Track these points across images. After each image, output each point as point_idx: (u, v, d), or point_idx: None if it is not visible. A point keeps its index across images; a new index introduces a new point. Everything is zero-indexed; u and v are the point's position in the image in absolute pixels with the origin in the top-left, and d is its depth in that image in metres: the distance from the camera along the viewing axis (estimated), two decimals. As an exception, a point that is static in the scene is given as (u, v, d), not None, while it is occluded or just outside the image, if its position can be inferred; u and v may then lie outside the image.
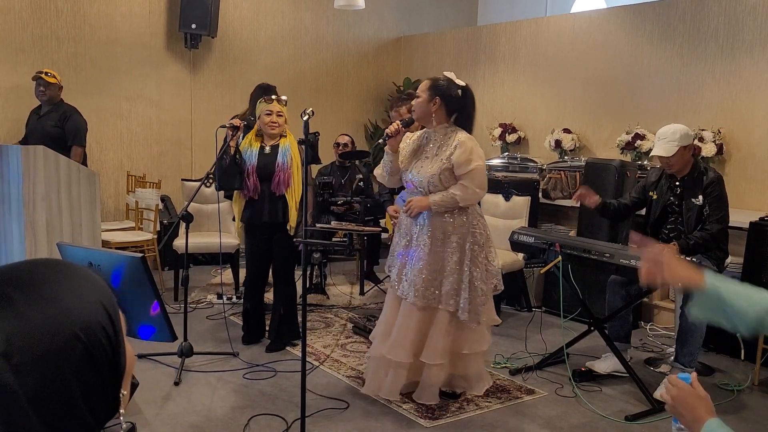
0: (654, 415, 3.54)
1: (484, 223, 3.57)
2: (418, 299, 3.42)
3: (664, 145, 3.85)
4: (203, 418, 3.39)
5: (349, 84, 7.98)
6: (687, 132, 3.88)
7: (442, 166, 3.39)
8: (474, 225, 3.48)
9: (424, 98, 3.47)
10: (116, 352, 0.84)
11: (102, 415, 0.84)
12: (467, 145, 3.38)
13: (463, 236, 3.44)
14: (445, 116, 3.48)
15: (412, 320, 3.47)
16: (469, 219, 3.46)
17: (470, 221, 3.47)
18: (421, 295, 3.42)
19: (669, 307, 5.07)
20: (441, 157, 3.42)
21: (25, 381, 0.75)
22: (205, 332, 4.66)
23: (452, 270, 3.41)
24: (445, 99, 3.45)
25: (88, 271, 0.89)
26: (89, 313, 0.82)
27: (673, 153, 3.81)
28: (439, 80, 3.50)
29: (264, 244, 4.31)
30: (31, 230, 4.23)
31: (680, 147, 3.82)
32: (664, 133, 3.87)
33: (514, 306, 5.52)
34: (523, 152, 6.66)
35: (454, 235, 3.43)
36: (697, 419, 1.44)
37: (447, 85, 3.47)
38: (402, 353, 3.47)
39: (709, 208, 3.82)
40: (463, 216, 3.46)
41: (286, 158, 4.18)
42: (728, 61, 5.18)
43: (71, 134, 5.41)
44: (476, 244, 3.46)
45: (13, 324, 0.77)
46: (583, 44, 6.19)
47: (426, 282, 3.42)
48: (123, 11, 6.49)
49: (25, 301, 0.79)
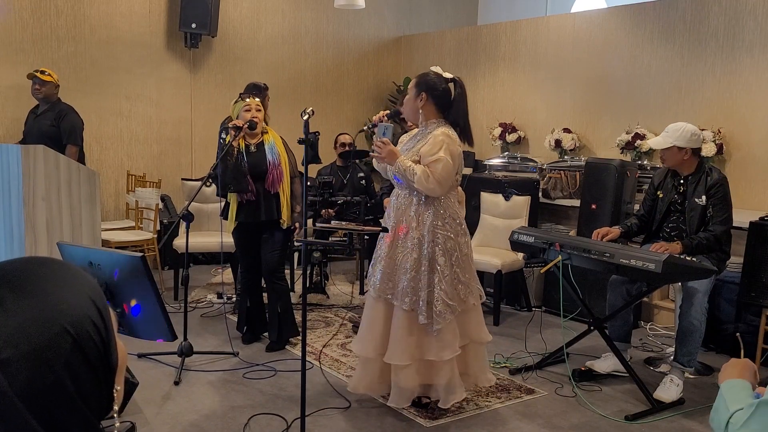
0: (654, 414, 3.54)
1: (456, 230, 3.34)
2: (376, 291, 3.38)
3: (661, 138, 3.89)
4: (203, 417, 3.39)
5: (350, 83, 7.98)
6: (692, 135, 3.84)
7: (411, 158, 3.30)
8: (438, 227, 3.30)
9: (410, 95, 3.40)
10: (107, 347, 0.84)
11: (97, 411, 0.84)
12: (438, 138, 3.27)
13: (422, 236, 3.29)
14: (435, 112, 3.38)
15: (374, 313, 3.42)
16: (433, 220, 3.29)
17: (434, 222, 3.29)
18: (379, 287, 3.36)
19: (669, 306, 5.07)
20: (414, 149, 3.35)
21: (14, 377, 0.75)
22: (205, 332, 4.66)
23: (410, 267, 3.29)
24: (432, 93, 3.35)
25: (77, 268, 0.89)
26: (78, 308, 0.82)
27: (664, 147, 3.85)
28: (426, 75, 3.40)
29: (258, 241, 4.32)
30: (31, 230, 4.23)
31: (675, 145, 3.82)
32: (669, 128, 3.89)
33: (514, 305, 5.52)
34: (523, 152, 6.66)
35: (415, 232, 3.31)
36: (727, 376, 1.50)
37: (434, 79, 3.37)
38: (366, 348, 3.42)
39: (713, 209, 3.82)
40: (427, 214, 3.30)
41: (275, 155, 4.19)
42: (728, 60, 5.18)
43: (66, 133, 5.41)
44: (437, 247, 3.28)
45: (0, 320, 0.76)
46: (584, 44, 6.19)
47: (384, 275, 3.36)
48: (123, 10, 6.49)
49: (12, 298, 0.79)
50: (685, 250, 3.75)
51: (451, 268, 3.32)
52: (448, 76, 3.41)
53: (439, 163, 3.21)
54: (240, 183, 4.14)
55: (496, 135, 6.72)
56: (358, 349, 3.49)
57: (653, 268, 3.39)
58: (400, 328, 3.33)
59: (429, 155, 3.24)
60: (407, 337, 3.33)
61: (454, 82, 3.41)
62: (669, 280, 3.80)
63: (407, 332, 3.32)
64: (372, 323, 3.43)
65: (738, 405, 1.42)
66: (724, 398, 1.46)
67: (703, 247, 3.79)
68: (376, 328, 3.40)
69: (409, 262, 3.30)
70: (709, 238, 3.79)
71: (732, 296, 4.42)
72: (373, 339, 3.41)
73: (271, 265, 4.29)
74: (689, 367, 3.78)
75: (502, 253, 5.10)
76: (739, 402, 1.43)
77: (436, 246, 3.29)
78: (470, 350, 3.48)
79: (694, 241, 3.78)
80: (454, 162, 3.27)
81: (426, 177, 3.21)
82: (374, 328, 3.41)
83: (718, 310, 4.49)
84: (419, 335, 3.34)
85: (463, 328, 3.41)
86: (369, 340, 3.42)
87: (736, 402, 1.44)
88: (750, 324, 4.34)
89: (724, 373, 1.58)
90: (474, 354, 3.50)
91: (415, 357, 3.35)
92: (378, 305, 3.41)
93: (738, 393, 1.46)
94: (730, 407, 1.43)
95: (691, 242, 3.78)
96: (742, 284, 4.11)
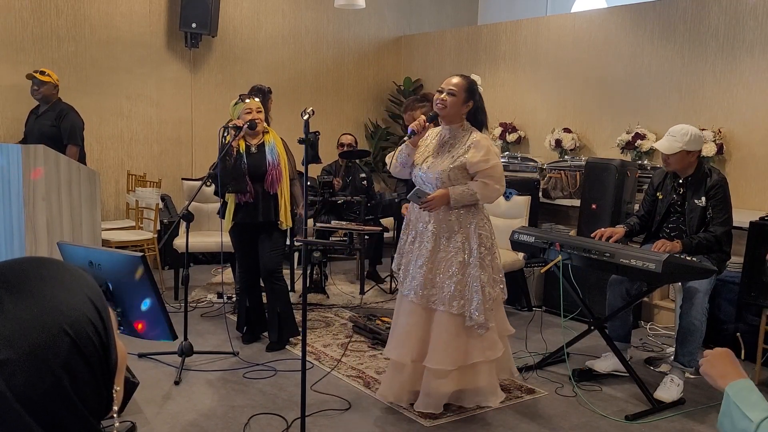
0: (654, 414, 3.54)
1: (490, 227, 3.49)
2: (417, 297, 3.36)
3: (668, 142, 3.82)
4: (203, 417, 3.39)
5: (350, 83, 7.98)
6: (698, 137, 3.83)
7: (453, 164, 3.34)
8: (480, 226, 3.40)
9: (460, 98, 3.39)
10: (106, 347, 0.84)
11: (96, 411, 0.84)
12: (483, 143, 3.37)
13: (468, 236, 3.36)
14: (465, 117, 3.48)
15: (413, 319, 3.40)
16: (475, 219, 3.39)
17: (477, 222, 3.39)
18: (422, 294, 3.36)
19: (669, 306, 5.07)
20: (453, 154, 3.37)
21: (12, 379, 0.74)
22: (205, 331, 4.67)
23: (456, 270, 3.32)
24: (478, 103, 3.46)
25: (76, 268, 0.89)
26: (76, 309, 0.82)
27: (673, 152, 3.80)
28: (474, 83, 3.47)
29: (256, 241, 4.32)
30: (32, 229, 4.23)
31: (683, 150, 3.79)
32: (675, 131, 3.83)
33: (515, 305, 5.51)
34: (523, 152, 6.66)
35: (459, 234, 3.35)
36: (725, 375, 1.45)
37: (478, 88, 3.48)
38: (403, 354, 3.40)
39: (713, 210, 3.81)
40: (469, 215, 3.38)
41: (275, 156, 4.19)
42: (729, 60, 5.18)
43: (67, 133, 5.41)
44: (483, 246, 3.38)
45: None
46: (584, 44, 6.19)
47: (427, 281, 3.36)
48: (123, 10, 6.49)
49: (10, 299, 0.79)
50: (684, 249, 3.75)
51: (492, 264, 3.43)
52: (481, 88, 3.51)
53: (496, 169, 3.37)
54: (239, 183, 4.14)
55: (497, 135, 6.72)
56: (396, 356, 3.45)
57: (653, 268, 3.39)
58: (445, 332, 3.33)
59: (482, 163, 3.34)
60: (453, 341, 3.33)
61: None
62: (669, 280, 3.80)
63: (454, 336, 3.33)
64: (410, 329, 3.40)
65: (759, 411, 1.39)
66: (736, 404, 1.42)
67: (703, 247, 3.79)
68: (417, 334, 3.39)
69: (455, 266, 3.32)
70: (709, 238, 3.78)
71: (732, 296, 4.42)
72: (411, 345, 3.39)
73: (270, 265, 4.28)
74: (690, 367, 3.78)
75: (503, 253, 5.08)
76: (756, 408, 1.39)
77: (482, 246, 3.38)
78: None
79: (694, 241, 3.78)
80: (500, 160, 3.47)
81: (485, 187, 3.35)
82: (414, 334, 3.39)
83: (718, 310, 4.49)
84: (465, 339, 3.36)
85: (497, 322, 3.49)
86: (407, 346, 3.40)
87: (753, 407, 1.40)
88: (750, 324, 4.34)
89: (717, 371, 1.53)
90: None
91: (458, 362, 3.34)
92: (418, 311, 3.39)
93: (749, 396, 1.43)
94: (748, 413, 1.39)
95: (691, 242, 3.78)
96: (742, 284, 4.11)
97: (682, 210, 3.94)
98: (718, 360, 1.53)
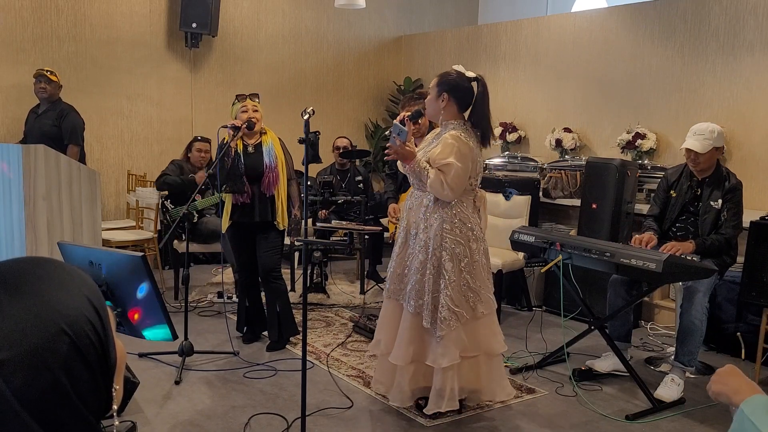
0: (654, 414, 3.54)
1: (467, 236, 3.23)
2: (388, 291, 3.43)
3: (699, 141, 3.81)
4: (204, 417, 3.39)
5: (350, 83, 7.98)
6: (722, 133, 3.89)
7: (423, 157, 3.25)
8: (446, 231, 3.19)
9: (432, 94, 3.30)
10: (105, 347, 0.84)
11: (96, 411, 0.84)
12: (449, 141, 3.17)
13: (428, 239, 3.21)
14: (456, 112, 3.28)
15: (386, 312, 3.47)
16: (441, 224, 3.20)
17: (442, 226, 3.19)
18: (392, 288, 3.40)
19: (669, 306, 5.07)
20: (427, 149, 3.31)
21: (11, 378, 0.74)
22: (205, 331, 4.67)
23: (416, 269, 3.26)
24: (454, 94, 3.24)
25: (74, 268, 0.89)
26: (75, 309, 0.82)
27: (706, 150, 3.81)
28: (449, 75, 3.27)
29: (253, 241, 4.32)
30: (32, 229, 4.23)
31: (713, 147, 3.82)
32: (702, 130, 3.83)
33: (515, 305, 5.52)
34: (523, 151, 6.66)
35: (422, 234, 3.26)
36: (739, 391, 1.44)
37: (456, 79, 3.25)
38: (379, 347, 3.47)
39: (727, 213, 3.84)
40: (435, 217, 3.22)
41: (272, 157, 4.19)
42: (729, 60, 5.18)
43: (67, 133, 5.42)
44: (444, 251, 3.18)
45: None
46: (584, 43, 6.18)
47: (395, 275, 3.39)
48: (123, 10, 6.49)
49: (8, 299, 0.79)
50: (697, 250, 3.76)
51: (459, 274, 3.21)
52: (470, 75, 3.27)
53: (451, 169, 3.11)
54: (236, 184, 4.15)
55: (497, 134, 6.72)
56: (372, 348, 3.52)
57: (654, 267, 3.39)
58: (405, 329, 3.32)
59: (439, 159, 3.15)
60: (411, 338, 3.31)
61: (477, 80, 3.28)
62: (669, 279, 3.80)
63: (411, 334, 3.31)
64: (383, 322, 3.48)
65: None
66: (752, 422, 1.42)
67: (715, 248, 3.81)
68: (389, 328, 3.43)
69: (415, 264, 3.29)
70: (721, 240, 3.81)
71: (733, 296, 4.41)
72: (385, 338, 3.44)
73: (268, 264, 4.29)
74: (690, 366, 3.78)
75: (503, 253, 5.10)
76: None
77: (443, 251, 3.19)
78: (482, 363, 3.37)
79: (707, 242, 3.80)
80: (465, 166, 3.16)
81: (439, 183, 3.13)
82: (385, 327, 3.45)
83: (719, 309, 4.49)
84: (424, 338, 3.31)
85: (473, 338, 3.29)
86: (382, 339, 3.46)
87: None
88: (751, 324, 4.34)
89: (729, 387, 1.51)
90: (486, 367, 3.38)
91: (416, 359, 3.33)
92: (390, 304, 3.44)
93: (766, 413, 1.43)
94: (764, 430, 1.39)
95: (704, 243, 3.79)
96: (742, 284, 4.11)
97: (695, 210, 3.95)
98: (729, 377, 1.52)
